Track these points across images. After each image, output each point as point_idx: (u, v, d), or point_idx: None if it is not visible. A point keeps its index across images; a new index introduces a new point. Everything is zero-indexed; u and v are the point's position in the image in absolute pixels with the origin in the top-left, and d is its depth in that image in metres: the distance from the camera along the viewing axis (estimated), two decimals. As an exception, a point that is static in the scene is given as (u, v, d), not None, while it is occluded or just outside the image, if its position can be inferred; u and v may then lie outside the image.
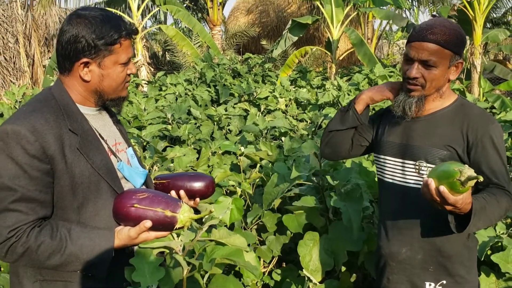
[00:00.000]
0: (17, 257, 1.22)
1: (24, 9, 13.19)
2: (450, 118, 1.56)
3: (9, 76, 12.77)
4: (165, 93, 6.57)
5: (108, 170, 1.35)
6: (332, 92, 6.03)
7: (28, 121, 1.24)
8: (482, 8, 8.30)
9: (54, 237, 1.23)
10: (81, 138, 1.31)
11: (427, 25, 1.51)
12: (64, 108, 1.32)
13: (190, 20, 11.09)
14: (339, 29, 10.25)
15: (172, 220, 1.26)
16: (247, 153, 2.80)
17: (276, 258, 2.42)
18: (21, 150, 1.21)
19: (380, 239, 1.70)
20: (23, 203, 1.22)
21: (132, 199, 1.29)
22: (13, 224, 1.20)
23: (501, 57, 17.07)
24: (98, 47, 1.30)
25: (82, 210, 1.30)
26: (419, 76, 1.51)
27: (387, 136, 1.67)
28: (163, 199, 1.28)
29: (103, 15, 1.33)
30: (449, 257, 1.56)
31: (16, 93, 5.98)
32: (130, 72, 1.41)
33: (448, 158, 1.52)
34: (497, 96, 6.28)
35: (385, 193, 1.69)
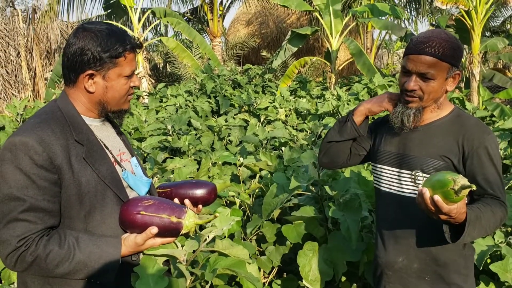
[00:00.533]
0: (26, 266, 1.25)
1: (26, 23, 13.31)
2: (446, 128, 1.57)
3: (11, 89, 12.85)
4: (166, 105, 6.61)
5: (114, 179, 1.38)
6: (332, 102, 6.06)
7: (36, 133, 1.28)
8: (480, 17, 8.35)
9: (63, 245, 1.26)
10: (86, 148, 1.35)
11: (424, 37, 1.51)
12: (69, 119, 1.36)
13: (190, 32, 11.18)
14: (338, 40, 10.31)
15: (178, 226, 1.29)
16: (246, 163, 2.82)
17: (276, 269, 2.42)
18: (29, 160, 1.24)
19: (377, 248, 1.70)
20: (32, 213, 1.24)
21: (138, 206, 1.32)
22: (22, 234, 1.23)
23: (501, 66, 17.12)
24: (103, 60, 1.34)
25: (89, 219, 1.32)
26: (416, 88, 1.52)
27: (384, 146, 1.68)
28: (168, 206, 1.31)
29: (109, 29, 1.37)
30: (445, 266, 1.56)
31: (17, 106, 6.01)
32: (133, 85, 1.45)
33: (443, 168, 1.53)
34: (497, 105, 6.30)
35: (381, 202, 1.70)
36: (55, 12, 12.19)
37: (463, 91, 8.60)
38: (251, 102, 6.24)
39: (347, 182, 2.17)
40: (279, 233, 2.27)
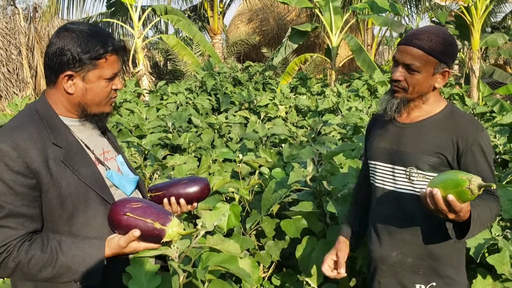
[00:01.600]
0: (10, 271, 1.25)
1: (27, 21, 13.33)
2: (440, 125, 1.58)
3: (12, 88, 12.88)
4: (166, 102, 6.63)
5: (96, 180, 1.36)
6: (332, 99, 6.08)
7: (10, 138, 1.26)
8: (480, 13, 8.35)
9: (45, 250, 1.25)
10: (65, 151, 1.32)
11: (417, 30, 1.54)
12: (47, 121, 1.34)
13: (190, 30, 11.19)
14: (338, 36, 10.31)
15: (160, 233, 1.28)
16: (246, 160, 2.84)
17: (276, 263, 2.45)
18: (4, 167, 1.23)
19: (371, 242, 1.72)
20: (11, 219, 1.24)
21: (125, 207, 1.30)
22: (3, 240, 1.23)
23: (502, 62, 17.10)
24: (83, 61, 1.32)
25: (73, 221, 1.31)
26: (401, 79, 1.55)
27: (377, 142, 1.70)
28: (155, 211, 1.30)
29: (91, 29, 1.35)
30: (439, 259, 1.59)
31: (19, 104, 6.04)
32: (115, 88, 1.41)
33: (438, 164, 1.55)
34: (496, 100, 6.32)
35: (376, 197, 1.71)
36: (55, 11, 12.20)
37: (463, 87, 8.60)
38: (252, 100, 6.26)
39: (345, 177, 2.20)
40: (278, 228, 2.30)
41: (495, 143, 3.36)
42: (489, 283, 2.02)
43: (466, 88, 8.58)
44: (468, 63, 8.59)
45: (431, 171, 1.55)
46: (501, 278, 2.02)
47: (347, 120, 4.46)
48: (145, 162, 3.22)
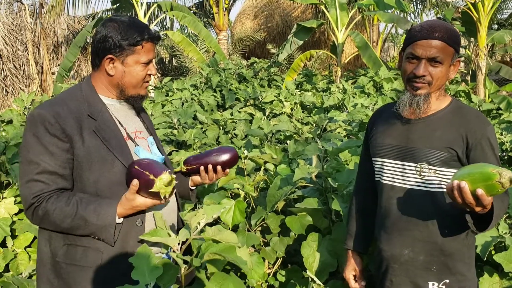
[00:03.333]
0: (39, 219, 1.47)
1: (33, 18, 13.38)
2: (448, 120, 1.59)
3: (19, 83, 12.94)
4: (172, 99, 6.63)
5: (122, 151, 1.55)
6: (337, 95, 6.06)
7: (51, 107, 1.49)
8: (487, 10, 8.28)
9: (68, 203, 1.45)
10: (98, 123, 1.53)
11: (429, 24, 1.55)
12: (87, 98, 1.56)
13: (196, 26, 11.18)
14: (344, 33, 10.27)
15: (152, 182, 1.43)
16: (251, 156, 2.84)
17: (281, 260, 2.45)
18: (43, 130, 1.45)
19: (381, 241, 1.70)
20: (45, 175, 1.45)
21: (136, 162, 1.50)
22: (36, 192, 1.45)
23: (508, 59, 16.98)
24: (122, 47, 1.53)
25: (98, 184, 1.50)
26: (426, 74, 1.54)
27: (383, 139, 1.69)
28: (155, 166, 1.47)
29: (131, 21, 1.56)
30: (451, 255, 1.58)
31: (25, 100, 6.06)
32: (150, 73, 1.61)
33: (448, 159, 1.55)
34: (503, 97, 6.27)
35: (384, 195, 1.69)
36: (61, 8, 12.23)
37: (469, 84, 8.56)
38: (257, 96, 6.25)
39: (350, 174, 2.19)
40: (283, 224, 2.29)
41: (501, 140, 3.34)
42: (496, 281, 2.01)
43: (473, 85, 8.53)
44: (474, 60, 8.53)
45: (442, 166, 1.56)
46: (508, 276, 2.01)
47: (353, 116, 4.44)
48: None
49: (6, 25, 12.97)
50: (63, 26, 14.45)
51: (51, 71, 13.70)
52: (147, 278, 1.26)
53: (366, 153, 1.82)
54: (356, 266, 1.84)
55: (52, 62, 14.23)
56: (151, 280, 1.26)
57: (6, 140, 3.56)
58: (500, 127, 3.58)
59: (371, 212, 1.80)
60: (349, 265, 1.85)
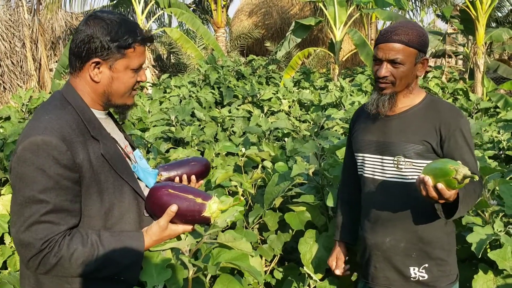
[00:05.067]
0: (50, 267, 1.22)
1: (30, 14, 13.33)
2: (422, 114, 1.69)
3: (16, 80, 12.91)
4: (170, 95, 6.63)
5: (129, 173, 1.37)
6: (335, 93, 6.07)
7: (57, 130, 1.23)
8: (485, 7, 8.29)
9: (85, 243, 1.23)
10: (102, 144, 1.32)
11: (392, 27, 1.66)
12: (82, 114, 1.32)
13: (194, 23, 11.16)
14: (342, 30, 10.27)
15: (201, 208, 1.25)
16: (249, 154, 2.85)
17: (278, 257, 2.46)
18: (52, 161, 1.20)
19: (365, 230, 1.80)
20: (55, 214, 1.21)
21: (167, 186, 1.30)
22: (46, 236, 1.20)
23: (506, 57, 17.00)
24: (111, 49, 1.30)
25: (109, 216, 1.30)
26: (388, 74, 1.65)
27: (363, 135, 1.79)
28: (194, 189, 1.30)
29: (121, 18, 1.33)
30: (430, 243, 1.69)
31: (23, 96, 6.05)
32: (139, 80, 1.39)
33: (424, 151, 1.65)
34: (501, 96, 6.28)
35: (366, 188, 1.80)
36: (59, 3, 12.20)
37: (467, 82, 8.57)
38: (255, 93, 6.25)
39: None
40: (281, 221, 2.31)
41: (498, 138, 3.35)
42: (491, 279, 2.03)
43: (470, 83, 8.55)
44: (472, 58, 8.55)
45: (418, 158, 1.66)
46: (502, 274, 2.03)
47: (350, 114, 4.45)
48: (148, 155, 3.23)
49: (3, 21, 12.92)
50: (61, 23, 14.41)
51: (49, 67, 13.67)
52: (155, 280, 1.27)
53: (349, 149, 1.93)
54: (338, 255, 1.96)
55: (50, 58, 14.19)
56: (159, 282, 1.27)
57: (4, 137, 3.56)
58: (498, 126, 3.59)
59: (356, 204, 1.90)
60: (333, 254, 1.98)
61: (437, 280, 1.70)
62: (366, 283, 1.83)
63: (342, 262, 1.96)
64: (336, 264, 1.96)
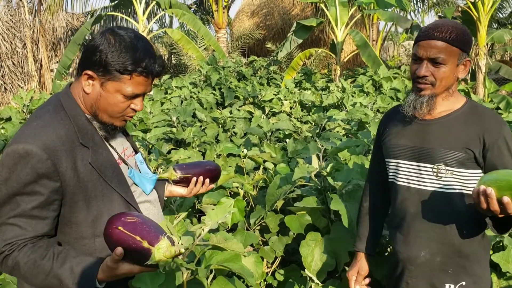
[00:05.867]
0: (7, 270, 1.24)
1: (31, 14, 13.35)
2: (464, 120, 1.57)
3: (17, 81, 12.92)
4: (171, 96, 6.63)
5: (120, 182, 1.35)
6: (337, 94, 6.06)
7: (40, 138, 1.23)
8: (486, 8, 8.29)
9: (43, 256, 1.21)
10: (92, 151, 1.31)
11: (434, 25, 1.54)
12: (74, 119, 1.31)
13: (195, 24, 11.17)
14: (343, 31, 10.27)
15: (147, 253, 1.13)
16: (250, 155, 2.84)
17: (280, 259, 2.45)
18: (30, 169, 1.21)
19: (396, 243, 1.68)
20: (24, 219, 1.22)
21: (119, 221, 1.17)
22: (10, 238, 1.22)
23: (508, 58, 16.98)
24: (107, 69, 1.27)
25: (97, 224, 1.30)
26: (428, 74, 1.53)
27: (397, 139, 1.67)
28: (146, 228, 1.15)
29: (133, 42, 1.29)
30: (467, 257, 1.57)
31: (24, 97, 6.06)
32: (133, 107, 1.35)
33: (465, 160, 1.54)
34: (502, 97, 6.28)
35: (399, 196, 1.67)
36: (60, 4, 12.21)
37: (469, 83, 8.55)
38: (256, 94, 6.25)
39: (349, 173, 2.19)
40: (282, 223, 2.30)
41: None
42: (494, 281, 2.02)
43: (472, 84, 8.53)
44: (474, 59, 8.54)
45: (459, 167, 1.54)
46: (505, 276, 2.02)
47: (352, 115, 4.45)
48: (149, 156, 3.23)
49: (4, 22, 12.94)
50: (62, 23, 14.43)
51: (50, 68, 13.68)
52: (149, 286, 1.25)
53: (377, 155, 1.80)
54: (361, 269, 1.83)
55: (51, 59, 14.21)
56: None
57: (5, 138, 3.55)
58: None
59: (381, 214, 1.81)
60: (355, 266, 1.84)
61: None
62: None
63: (362, 277, 1.83)
64: (357, 279, 1.83)
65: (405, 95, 6.54)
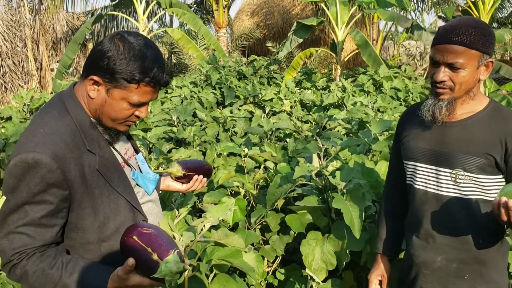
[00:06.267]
0: (16, 278, 1.23)
1: (32, 14, 13.35)
2: (486, 123, 1.51)
3: (18, 80, 12.92)
4: (171, 96, 6.62)
5: (125, 186, 1.35)
6: (337, 94, 6.06)
7: (48, 147, 1.22)
8: (487, 8, 8.29)
9: (52, 266, 1.22)
10: (99, 157, 1.30)
11: (451, 26, 1.46)
12: (79, 125, 1.30)
13: (195, 23, 11.17)
14: (344, 31, 10.27)
15: (155, 265, 1.15)
16: (251, 154, 2.84)
17: (280, 258, 2.45)
18: (39, 179, 1.20)
19: (412, 247, 1.65)
20: (33, 228, 1.22)
21: (136, 230, 1.20)
22: (19, 247, 1.21)
23: (508, 57, 16.98)
24: (114, 76, 1.26)
25: (103, 229, 1.30)
26: (446, 79, 1.47)
27: (416, 142, 1.62)
28: (159, 240, 1.17)
29: (142, 51, 1.27)
30: (485, 263, 1.54)
31: (24, 96, 6.06)
32: (138, 115, 1.35)
33: (486, 166, 1.49)
34: (503, 96, 6.27)
35: (416, 200, 1.63)
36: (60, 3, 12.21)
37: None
38: (256, 94, 6.25)
39: (350, 172, 2.19)
40: (283, 222, 2.30)
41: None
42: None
43: (472, 83, 8.51)
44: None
45: (479, 173, 1.49)
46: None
47: (352, 115, 4.45)
48: (150, 155, 3.23)
49: (5, 21, 12.94)
50: (62, 23, 14.43)
51: (50, 67, 13.69)
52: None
53: (396, 155, 1.75)
54: (384, 272, 1.79)
55: (51, 58, 14.21)
56: None
57: (6, 137, 3.55)
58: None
59: (401, 215, 1.76)
60: (377, 269, 1.80)
61: None
62: None
63: (386, 280, 1.78)
64: (381, 282, 1.79)
65: (405, 94, 6.54)
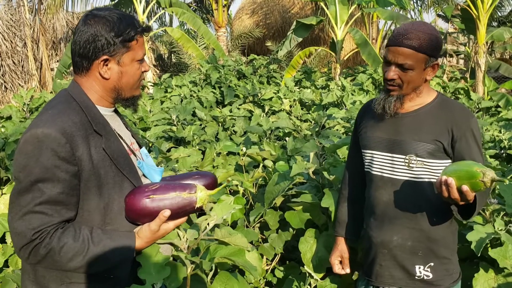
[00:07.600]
0: (40, 258, 1.23)
1: (32, 13, 13.36)
2: (434, 113, 1.69)
3: (18, 80, 12.93)
4: (171, 95, 6.63)
5: (131, 169, 1.38)
6: (336, 93, 6.08)
7: (57, 124, 1.25)
8: (486, 7, 8.29)
9: (77, 238, 1.24)
10: (105, 139, 1.33)
11: (403, 29, 1.63)
12: (86, 109, 1.33)
13: (195, 22, 11.18)
14: (343, 30, 10.28)
15: (191, 201, 1.27)
16: (250, 153, 2.85)
17: (279, 256, 2.46)
18: (51, 153, 1.22)
19: (371, 228, 1.80)
20: (49, 205, 1.22)
21: (145, 192, 1.28)
22: (38, 226, 1.21)
23: (508, 56, 16.98)
24: (117, 45, 1.33)
25: (108, 210, 1.31)
26: (396, 78, 1.64)
27: (373, 132, 1.78)
28: (176, 185, 1.30)
29: (119, 13, 1.36)
30: (436, 241, 1.70)
31: (24, 96, 6.07)
32: (144, 70, 1.43)
33: (435, 151, 1.66)
34: (502, 95, 6.29)
35: (373, 185, 1.78)
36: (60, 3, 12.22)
37: (468, 81, 8.57)
38: (256, 93, 6.26)
39: (347, 170, 2.20)
40: (282, 220, 2.31)
41: (500, 137, 3.36)
42: (491, 277, 2.03)
43: (472, 82, 8.54)
44: (473, 57, 8.56)
45: (429, 158, 1.66)
46: (503, 272, 2.03)
47: (351, 114, 4.46)
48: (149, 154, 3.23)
49: (5, 21, 12.95)
50: (62, 22, 14.43)
51: (50, 67, 13.70)
52: (154, 278, 1.27)
53: (355, 145, 1.91)
54: (342, 253, 1.94)
55: (51, 58, 14.22)
56: (158, 280, 1.27)
57: (6, 136, 3.57)
58: (499, 125, 3.59)
59: (359, 200, 1.90)
60: (336, 251, 1.95)
61: (441, 279, 1.71)
62: (369, 281, 1.82)
63: (347, 260, 1.94)
64: (341, 262, 1.95)
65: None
